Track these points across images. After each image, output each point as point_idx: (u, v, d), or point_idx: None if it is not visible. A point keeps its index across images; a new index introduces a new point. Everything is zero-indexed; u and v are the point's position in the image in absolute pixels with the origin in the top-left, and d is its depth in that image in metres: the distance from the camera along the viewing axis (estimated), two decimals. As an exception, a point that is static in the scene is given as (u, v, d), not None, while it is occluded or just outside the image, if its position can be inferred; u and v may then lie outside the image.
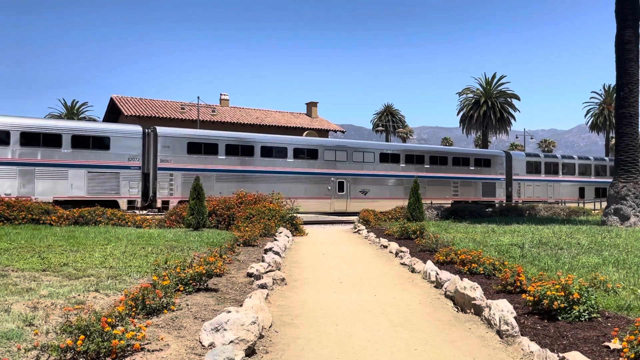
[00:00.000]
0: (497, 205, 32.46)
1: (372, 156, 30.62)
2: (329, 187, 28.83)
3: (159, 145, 24.56)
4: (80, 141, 22.85)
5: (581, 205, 33.91)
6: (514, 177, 36.07)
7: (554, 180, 38.22)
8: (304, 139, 30.20)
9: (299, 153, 28.46)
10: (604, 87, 62.57)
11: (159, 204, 24.27)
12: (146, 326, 4.52)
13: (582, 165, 40.11)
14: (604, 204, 34.35)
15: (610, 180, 39.65)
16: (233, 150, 26.56)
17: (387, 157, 31.22)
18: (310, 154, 28.82)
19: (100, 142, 23.34)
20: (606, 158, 42.73)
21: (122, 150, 23.67)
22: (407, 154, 31.94)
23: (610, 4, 19.52)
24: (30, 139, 21.92)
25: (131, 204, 23.79)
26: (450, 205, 28.88)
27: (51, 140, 22.32)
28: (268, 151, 27.54)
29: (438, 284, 7.59)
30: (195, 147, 25.58)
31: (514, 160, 36.40)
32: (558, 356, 4.04)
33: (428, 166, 32.39)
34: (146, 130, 24.69)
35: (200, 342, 4.51)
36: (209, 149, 25.95)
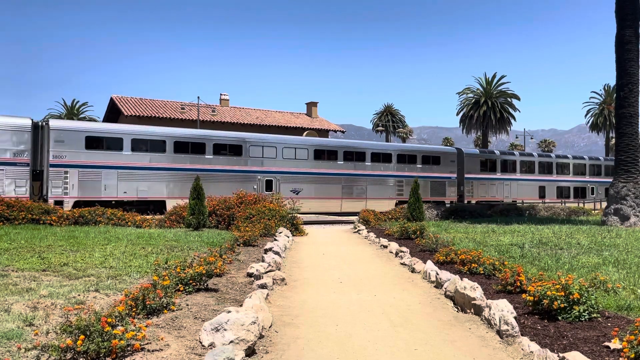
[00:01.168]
0: (447, 205, 31.05)
1: (305, 152, 28.52)
2: (255, 186, 26.66)
3: (52, 140, 22.41)
4: None
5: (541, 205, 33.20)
6: (466, 176, 34.05)
7: (511, 179, 36.25)
8: (225, 134, 27.58)
9: (220, 149, 26.33)
10: (604, 87, 62.63)
11: (51, 204, 20.65)
12: (146, 326, 4.52)
13: (542, 163, 38.26)
14: (568, 204, 33.89)
15: (573, 178, 38.47)
16: (141, 145, 24.39)
17: (323, 154, 29.19)
18: (233, 150, 26.71)
19: None
20: (569, 156, 40.97)
21: (5, 145, 21.60)
22: (345, 151, 29.93)
23: (610, 4, 19.54)
24: None
25: None
26: (394, 205, 28.60)
27: None
28: (183, 147, 25.33)
29: (438, 284, 7.59)
30: (95, 142, 23.47)
31: (467, 157, 34.43)
32: (558, 356, 4.04)
33: (369, 164, 30.43)
34: (39, 123, 22.99)
35: (200, 342, 4.51)
36: (112, 144, 23.79)
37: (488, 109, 51.14)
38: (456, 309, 6.28)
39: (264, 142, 27.60)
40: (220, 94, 43.17)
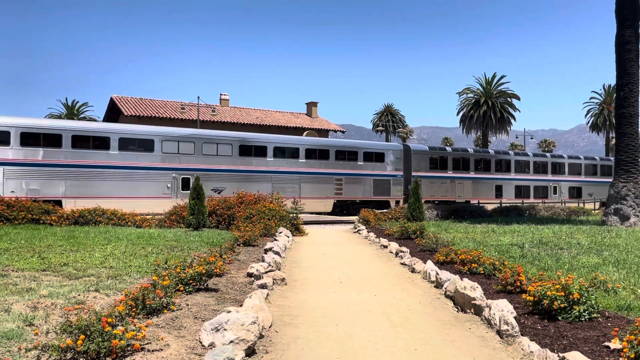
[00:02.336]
0: (393, 205, 29.63)
1: (229, 148, 26.23)
2: (169, 185, 24.39)
3: None
4: None
5: (496, 205, 30.91)
6: (414, 174, 31.33)
7: (464, 177, 33.83)
8: (132, 127, 24.91)
9: (128, 144, 23.73)
10: (604, 87, 62.61)
11: None
12: (146, 326, 4.52)
13: (499, 161, 35.96)
14: (528, 203, 32.41)
15: (534, 177, 36.91)
16: (32, 140, 22.02)
17: (250, 150, 26.93)
18: (144, 145, 24.15)
19: None
20: (530, 153, 38.47)
21: None
22: (276, 147, 27.64)
23: (610, 4, 19.54)
24: None
25: None
26: (332, 205, 27.49)
27: None
28: (82, 141, 22.84)
29: (438, 284, 7.59)
30: None
31: (415, 154, 32.21)
32: (558, 356, 4.04)
33: (303, 160, 28.14)
34: None
35: (200, 342, 4.51)
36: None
37: (488, 109, 51.13)
38: (456, 309, 6.28)
39: (180, 137, 25.14)
40: (220, 94, 43.17)
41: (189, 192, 23.06)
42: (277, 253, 10.12)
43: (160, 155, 24.40)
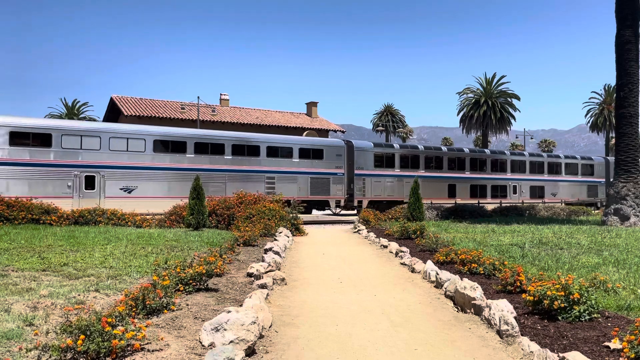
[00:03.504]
0: (333, 205, 28.27)
1: (141, 144, 24.02)
2: (69, 184, 22.24)
3: None
4: None
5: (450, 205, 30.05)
6: (357, 172, 29.76)
7: (412, 176, 31.10)
8: (25, 120, 22.18)
9: (20, 138, 21.42)
10: (604, 87, 62.62)
11: None
12: (146, 326, 4.52)
13: (452, 159, 33.83)
14: (484, 203, 31.63)
15: (491, 176, 35.20)
16: None
17: (167, 145, 24.71)
18: (39, 140, 21.86)
19: None
20: (487, 151, 36.72)
21: None
22: (197, 142, 25.44)
23: (610, 4, 19.54)
24: None
25: None
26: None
27: None
28: None
29: (438, 284, 7.59)
30: None
31: (358, 151, 30.15)
32: (558, 356, 4.04)
33: (230, 157, 26.20)
34: None
35: (200, 342, 4.51)
36: None
37: (488, 108, 51.13)
38: (456, 309, 6.28)
39: (83, 132, 22.86)
40: (220, 94, 43.18)
41: (93, 191, 22.41)
42: (277, 253, 10.12)
43: (59, 151, 22.22)
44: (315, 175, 28.47)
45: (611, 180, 19.79)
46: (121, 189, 23.25)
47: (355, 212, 30.37)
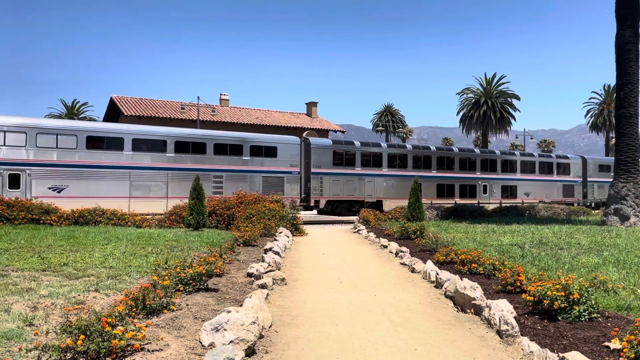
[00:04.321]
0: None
1: (72, 140, 22.45)
2: None
3: None
4: None
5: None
6: (315, 171, 28.43)
7: (375, 175, 30.63)
8: None
9: None
10: (604, 87, 62.61)
11: None
12: (146, 326, 4.52)
13: (417, 157, 32.35)
14: (451, 203, 30.05)
15: (459, 175, 33.64)
16: None
17: (101, 142, 23.19)
18: None
19: None
20: (455, 149, 35.03)
21: None
22: (135, 138, 23.88)
23: (610, 4, 19.54)
24: None
25: None
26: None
27: None
28: None
29: (438, 284, 7.59)
30: None
31: (315, 149, 28.74)
32: (558, 356, 4.04)
33: (172, 155, 24.65)
34: None
35: (200, 342, 4.51)
36: None
37: (488, 109, 51.14)
38: (456, 309, 6.28)
39: (6, 127, 21.33)
40: (220, 94, 43.19)
41: (18, 190, 21.00)
42: (277, 253, 10.12)
43: None
44: (268, 174, 27.16)
45: (612, 181, 19.76)
46: (50, 188, 21.76)
47: (313, 211, 29.63)
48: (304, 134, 38.18)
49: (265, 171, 27.06)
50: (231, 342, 4.35)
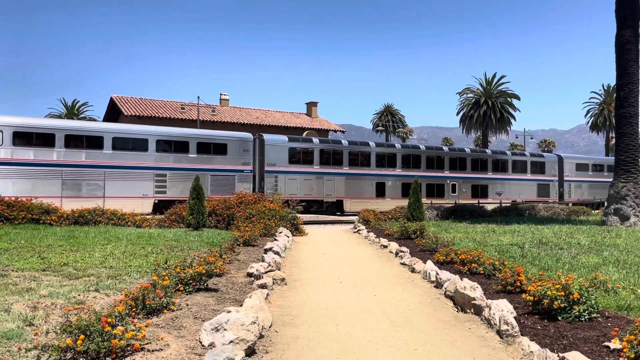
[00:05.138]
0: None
1: None
2: None
3: None
4: None
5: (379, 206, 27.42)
6: (268, 169, 27.41)
7: (334, 173, 29.35)
8: None
9: None
10: (604, 87, 62.64)
11: None
12: (146, 326, 4.52)
13: (382, 155, 31.23)
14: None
15: (427, 173, 32.27)
16: None
17: (29, 138, 21.82)
18: None
19: None
20: (421, 146, 33.92)
21: None
22: (68, 134, 22.55)
23: (610, 4, 19.53)
24: None
25: None
26: (152, 205, 23.55)
27: None
28: None
29: (438, 284, 7.59)
30: None
31: (269, 146, 27.62)
32: (558, 356, 4.04)
33: (110, 152, 23.32)
34: None
35: (200, 342, 4.51)
36: None
37: (488, 108, 51.14)
38: (456, 309, 6.28)
39: None
40: (220, 94, 43.19)
41: None
42: (277, 253, 10.12)
43: None
44: (217, 172, 25.92)
45: (611, 182, 19.74)
46: None
47: None
48: (304, 134, 38.18)
49: (214, 169, 25.85)
50: (231, 342, 4.35)
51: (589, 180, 40.30)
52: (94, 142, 23.12)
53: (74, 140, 22.65)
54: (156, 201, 24.20)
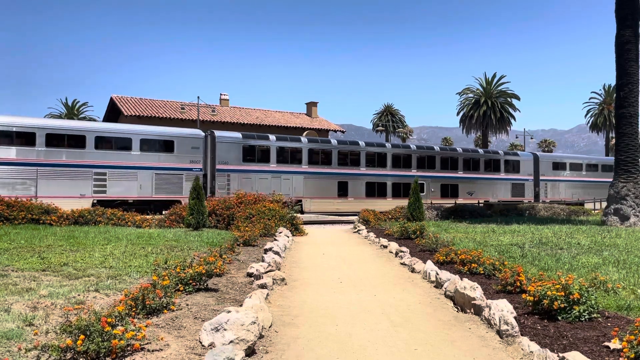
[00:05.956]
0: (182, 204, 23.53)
1: None
2: None
3: None
4: None
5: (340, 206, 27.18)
6: (220, 167, 26.20)
7: (292, 172, 28.30)
8: None
9: None
10: (604, 87, 62.64)
11: None
12: (146, 326, 4.52)
13: (344, 152, 30.21)
14: (384, 203, 28.55)
15: (392, 173, 31.21)
16: None
17: None
18: None
19: None
20: (387, 144, 32.67)
21: None
22: None
23: (610, 4, 19.54)
24: None
25: None
26: (91, 205, 21.90)
27: None
28: None
29: (438, 284, 7.59)
30: None
31: (221, 143, 26.45)
32: (558, 356, 4.04)
33: (43, 149, 22.15)
34: None
35: (200, 342, 4.51)
36: None
37: (488, 108, 51.16)
38: (456, 309, 6.28)
39: None
40: (220, 94, 43.20)
41: None
42: (277, 253, 10.12)
43: None
44: (163, 170, 24.58)
45: (611, 181, 19.74)
46: None
47: None
48: (304, 134, 38.16)
49: (159, 168, 24.53)
50: (231, 342, 4.35)
51: (567, 180, 39.16)
52: (25, 138, 21.90)
53: (4, 137, 21.55)
54: (95, 201, 22.93)
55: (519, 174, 37.13)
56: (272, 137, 28.42)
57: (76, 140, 22.87)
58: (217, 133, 26.84)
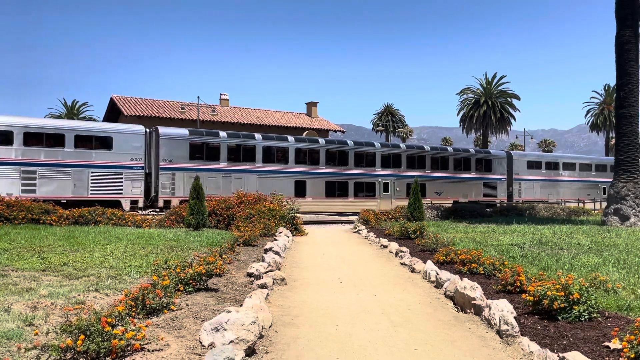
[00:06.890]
0: (127, 206, 23.52)
1: None
2: None
3: None
4: None
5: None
6: (164, 166, 24.73)
7: (245, 171, 26.87)
8: None
9: None
10: (604, 87, 62.66)
11: None
12: (146, 326, 4.52)
13: (302, 150, 28.98)
14: (343, 203, 28.07)
15: (353, 171, 29.97)
16: None
17: None
18: None
19: None
20: (349, 142, 31.42)
21: None
22: None
23: (610, 4, 19.54)
24: None
25: None
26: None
27: None
28: None
29: (438, 284, 7.59)
30: None
31: (165, 140, 24.86)
32: (558, 356, 4.04)
33: None
34: None
35: (200, 342, 4.51)
36: None
37: (488, 108, 51.16)
38: (456, 309, 6.28)
39: None
40: (220, 94, 43.19)
41: None
42: (277, 253, 10.12)
43: None
44: (100, 169, 23.24)
45: (612, 181, 19.73)
46: None
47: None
48: (304, 134, 38.16)
49: (95, 166, 23.13)
50: (231, 342, 4.35)
51: (542, 179, 37.90)
52: None
53: None
54: (68, 201, 22.08)
55: (491, 173, 35.76)
56: (222, 133, 27.14)
57: (3, 137, 21.68)
58: (162, 129, 25.50)
